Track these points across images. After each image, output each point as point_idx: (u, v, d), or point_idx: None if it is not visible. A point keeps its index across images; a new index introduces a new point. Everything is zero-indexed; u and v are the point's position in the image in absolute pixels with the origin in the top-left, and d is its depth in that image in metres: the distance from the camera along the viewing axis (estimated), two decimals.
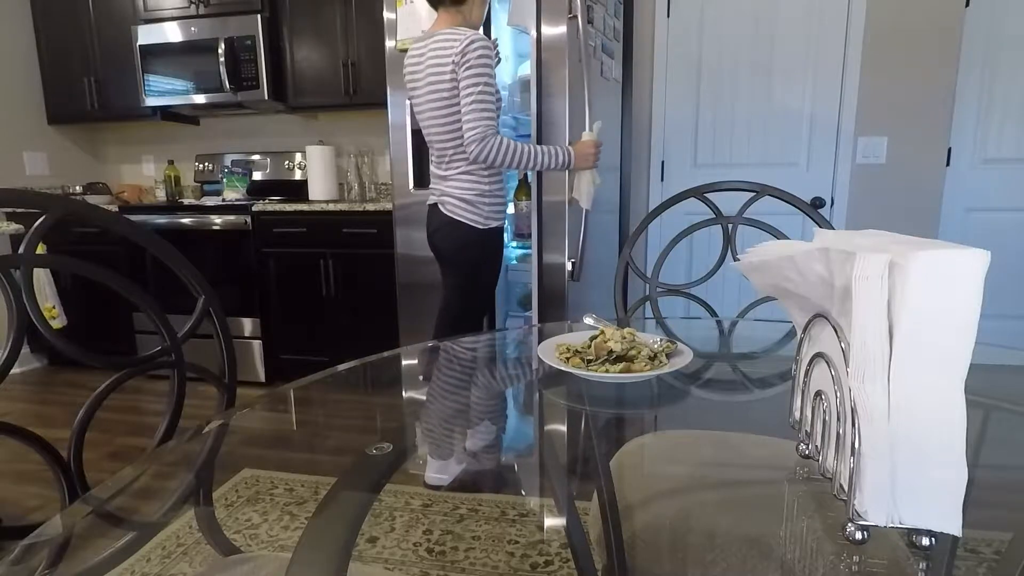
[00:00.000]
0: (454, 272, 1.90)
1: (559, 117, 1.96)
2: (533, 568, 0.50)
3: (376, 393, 0.93)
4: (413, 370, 1.01)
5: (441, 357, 1.06)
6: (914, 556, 0.44)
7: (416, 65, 1.80)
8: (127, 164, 3.80)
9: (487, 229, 1.85)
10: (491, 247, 1.89)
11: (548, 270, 2.08)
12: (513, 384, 0.93)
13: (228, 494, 0.64)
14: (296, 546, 0.53)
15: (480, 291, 1.93)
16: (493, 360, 1.08)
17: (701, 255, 2.89)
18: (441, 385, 0.95)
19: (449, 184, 1.83)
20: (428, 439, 0.74)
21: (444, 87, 1.72)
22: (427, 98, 1.77)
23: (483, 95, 1.68)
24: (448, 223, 1.84)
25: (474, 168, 1.80)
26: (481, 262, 1.89)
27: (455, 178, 1.82)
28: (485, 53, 1.67)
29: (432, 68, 1.72)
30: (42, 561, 0.47)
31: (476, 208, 1.82)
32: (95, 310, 3.18)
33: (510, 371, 1.00)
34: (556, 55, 1.94)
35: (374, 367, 0.96)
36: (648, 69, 2.83)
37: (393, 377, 0.98)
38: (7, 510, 1.86)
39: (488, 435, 0.75)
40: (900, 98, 2.58)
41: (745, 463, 0.65)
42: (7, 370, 0.68)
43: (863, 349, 0.43)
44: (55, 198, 0.77)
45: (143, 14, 3.11)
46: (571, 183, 1.97)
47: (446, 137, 1.79)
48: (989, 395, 0.78)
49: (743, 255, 0.60)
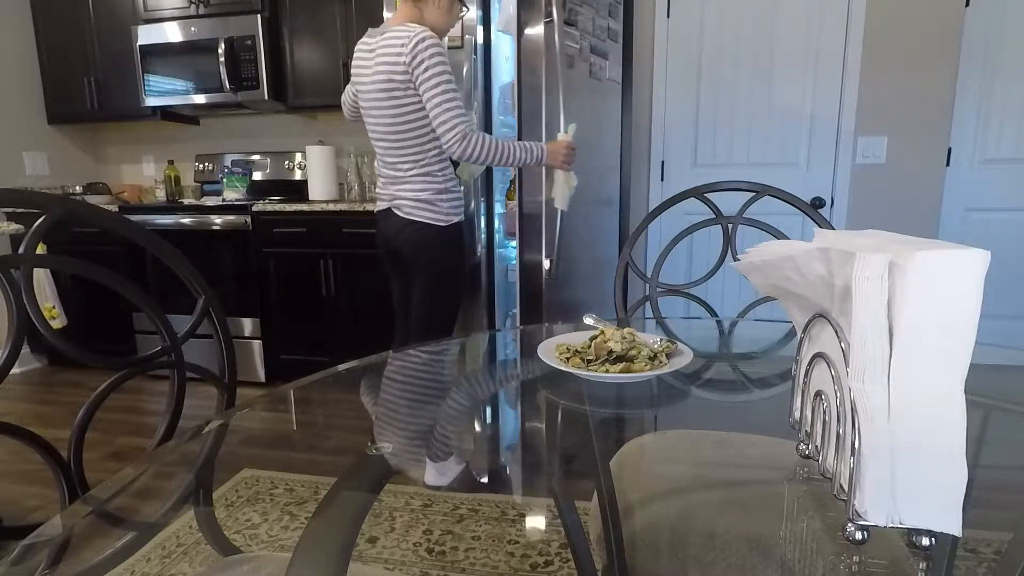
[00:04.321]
0: (422, 275, 1.88)
1: (536, 119, 1.99)
2: (533, 568, 0.50)
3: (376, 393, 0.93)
4: (410, 372, 1.01)
5: (435, 359, 1.06)
6: (914, 556, 0.44)
7: (364, 60, 1.76)
8: (127, 164, 3.80)
9: (448, 226, 1.84)
10: (454, 243, 1.88)
11: (528, 270, 2.12)
12: (512, 384, 0.93)
13: (228, 494, 0.64)
14: (296, 546, 0.53)
15: (450, 291, 1.92)
16: (492, 360, 1.08)
17: (701, 255, 2.89)
18: (440, 386, 0.95)
19: (404, 187, 1.81)
20: (427, 439, 0.74)
21: (395, 87, 1.68)
22: (375, 96, 1.74)
23: (449, 92, 1.66)
24: (408, 225, 1.82)
25: (431, 168, 1.79)
26: (447, 260, 1.89)
27: (410, 180, 1.80)
28: (437, 50, 1.64)
29: (381, 67, 1.69)
30: (42, 561, 0.47)
31: (435, 206, 1.81)
32: (95, 310, 3.18)
33: (508, 371, 1.00)
34: (534, 58, 1.95)
35: (374, 367, 0.96)
36: (648, 69, 2.83)
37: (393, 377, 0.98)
38: (7, 510, 1.86)
39: (487, 435, 0.75)
40: (900, 98, 2.58)
41: (745, 463, 0.65)
42: (7, 370, 0.68)
43: (863, 349, 0.43)
44: (55, 198, 0.77)
45: (143, 14, 3.11)
46: (548, 184, 1.99)
47: (398, 138, 1.76)
48: (989, 395, 0.78)
49: (743, 255, 0.60)
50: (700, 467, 0.65)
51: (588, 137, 2.29)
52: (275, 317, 2.97)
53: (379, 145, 1.83)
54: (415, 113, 1.72)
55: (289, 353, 2.99)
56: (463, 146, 1.67)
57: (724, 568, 0.46)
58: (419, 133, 1.75)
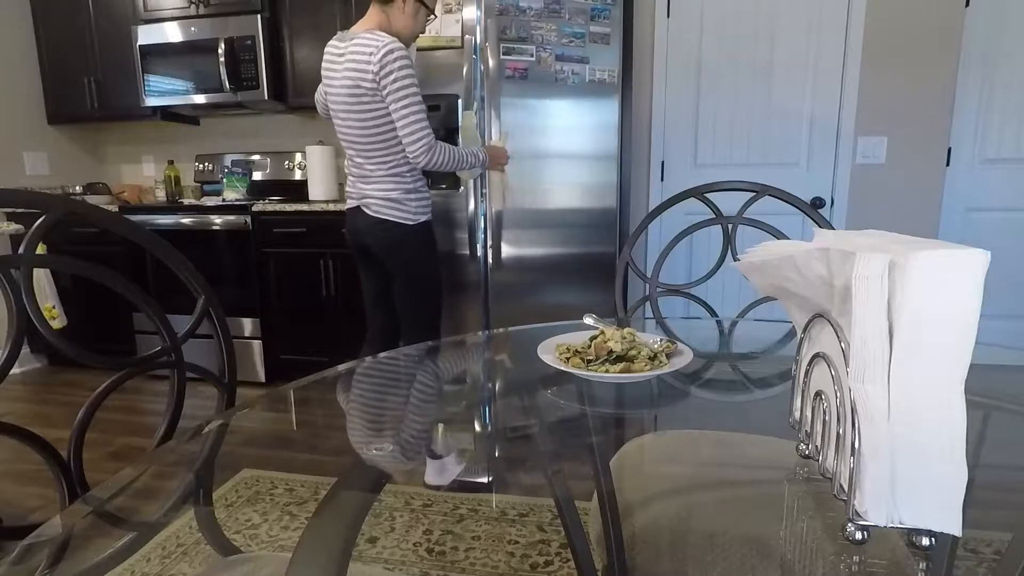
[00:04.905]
0: (399, 275, 1.93)
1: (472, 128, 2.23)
2: (533, 568, 0.50)
3: (376, 393, 0.93)
4: (413, 370, 1.01)
5: (429, 359, 1.06)
6: (914, 556, 0.44)
7: (333, 63, 1.81)
8: (127, 164, 3.80)
9: (417, 224, 1.88)
10: (424, 241, 1.93)
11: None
12: (512, 384, 0.93)
13: (228, 494, 0.64)
14: (296, 546, 0.53)
15: (428, 286, 1.97)
16: (489, 360, 1.08)
17: (701, 255, 2.89)
18: (438, 386, 0.95)
19: (372, 186, 1.85)
20: (427, 440, 0.74)
21: (363, 93, 1.74)
22: (343, 100, 1.78)
23: (415, 105, 1.73)
24: (376, 223, 1.86)
25: (399, 169, 1.83)
26: (420, 258, 1.93)
27: (379, 180, 1.84)
28: (404, 62, 1.70)
29: (349, 72, 1.74)
30: (42, 561, 0.47)
31: (403, 205, 1.85)
32: (95, 310, 3.18)
33: (507, 370, 1.00)
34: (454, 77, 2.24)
35: (375, 367, 0.96)
36: (648, 69, 2.83)
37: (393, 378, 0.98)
38: (7, 510, 1.86)
39: (487, 436, 0.75)
40: (900, 98, 2.58)
41: (745, 463, 0.65)
42: (7, 370, 0.68)
43: (863, 349, 0.43)
44: (55, 198, 0.77)
45: (143, 14, 3.11)
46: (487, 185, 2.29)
47: (366, 141, 1.80)
48: (989, 395, 0.78)
49: (743, 255, 0.60)
50: (700, 467, 0.65)
51: (571, 137, 2.34)
52: (275, 317, 2.97)
53: (348, 145, 1.88)
54: (382, 118, 1.77)
55: (289, 353, 2.99)
56: (428, 157, 1.77)
57: (724, 568, 0.46)
58: (386, 137, 1.80)
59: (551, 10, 2.22)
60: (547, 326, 1.08)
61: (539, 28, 2.22)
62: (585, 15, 2.23)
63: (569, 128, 2.32)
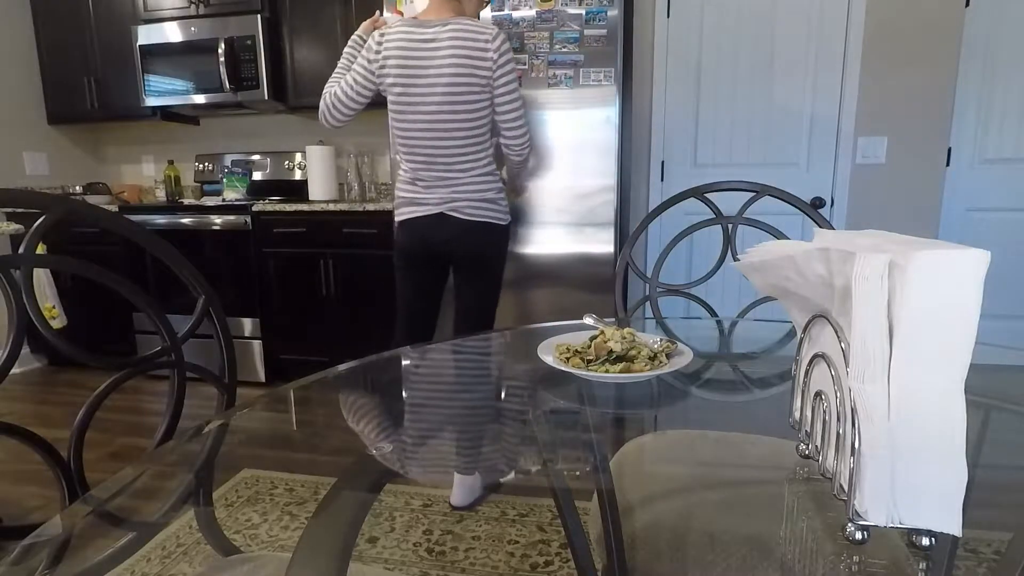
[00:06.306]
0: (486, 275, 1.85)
1: None
2: (533, 568, 0.50)
3: (376, 394, 0.93)
4: (414, 370, 1.01)
5: (438, 359, 1.06)
6: (914, 556, 0.44)
7: (420, 51, 1.62)
8: (127, 164, 3.80)
9: (507, 224, 1.85)
10: (508, 241, 1.91)
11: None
12: (512, 384, 0.93)
13: (228, 494, 0.64)
14: (296, 546, 0.53)
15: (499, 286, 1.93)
16: (492, 361, 1.08)
17: (701, 255, 2.89)
18: (437, 387, 0.95)
19: (464, 188, 1.73)
20: (426, 440, 0.74)
21: (474, 84, 1.61)
22: (442, 91, 1.62)
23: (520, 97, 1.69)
24: (473, 228, 1.75)
25: (491, 167, 1.76)
26: (502, 257, 1.90)
27: (471, 180, 1.73)
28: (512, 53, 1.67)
29: (459, 60, 1.60)
30: (42, 561, 0.47)
31: (498, 205, 1.79)
32: (95, 310, 3.18)
33: (506, 371, 1.00)
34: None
35: (374, 368, 0.96)
36: (648, 69, 2.83)
37: (393, 378, 0.98)
38: (7, 510, 1.86)
39: (487, 435, 0.75)
40: (900, 98, 2.58)
41: (745, 463, 0.65)
42: (7, 370, 0.68)
43: (863, 349, 0.43)
44: (55, 198, 0.77)
45: (143, 14, 3.11)
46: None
47: (463, 136, 1.68)
48: (989, 395, 0.78)
49: (743, 255, 0.60)
50: (700, 467, 0.65)
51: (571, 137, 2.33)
52: (275, 317, 2.97)
53: (429, 145, 1.69)
54: (484, 110, 1.68)
55: (289, 353, 2.99)
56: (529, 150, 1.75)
57: (724, 568, 0.46)
58: (483, 131, 1.71)
59: (543, 18, 2.24)
60: (547, 326, 1.08)
61: (532, 37, 2.25)
62: (579, 20, 2.25)
63: (569, 128, 2.32)
